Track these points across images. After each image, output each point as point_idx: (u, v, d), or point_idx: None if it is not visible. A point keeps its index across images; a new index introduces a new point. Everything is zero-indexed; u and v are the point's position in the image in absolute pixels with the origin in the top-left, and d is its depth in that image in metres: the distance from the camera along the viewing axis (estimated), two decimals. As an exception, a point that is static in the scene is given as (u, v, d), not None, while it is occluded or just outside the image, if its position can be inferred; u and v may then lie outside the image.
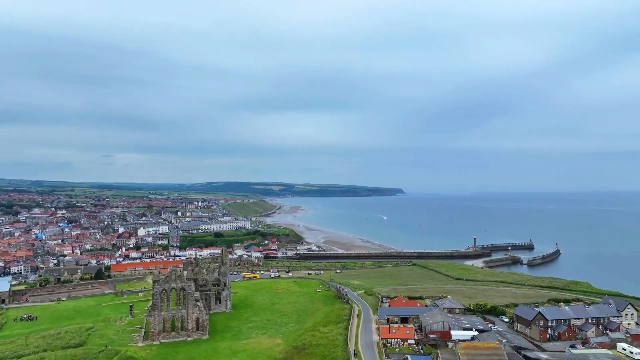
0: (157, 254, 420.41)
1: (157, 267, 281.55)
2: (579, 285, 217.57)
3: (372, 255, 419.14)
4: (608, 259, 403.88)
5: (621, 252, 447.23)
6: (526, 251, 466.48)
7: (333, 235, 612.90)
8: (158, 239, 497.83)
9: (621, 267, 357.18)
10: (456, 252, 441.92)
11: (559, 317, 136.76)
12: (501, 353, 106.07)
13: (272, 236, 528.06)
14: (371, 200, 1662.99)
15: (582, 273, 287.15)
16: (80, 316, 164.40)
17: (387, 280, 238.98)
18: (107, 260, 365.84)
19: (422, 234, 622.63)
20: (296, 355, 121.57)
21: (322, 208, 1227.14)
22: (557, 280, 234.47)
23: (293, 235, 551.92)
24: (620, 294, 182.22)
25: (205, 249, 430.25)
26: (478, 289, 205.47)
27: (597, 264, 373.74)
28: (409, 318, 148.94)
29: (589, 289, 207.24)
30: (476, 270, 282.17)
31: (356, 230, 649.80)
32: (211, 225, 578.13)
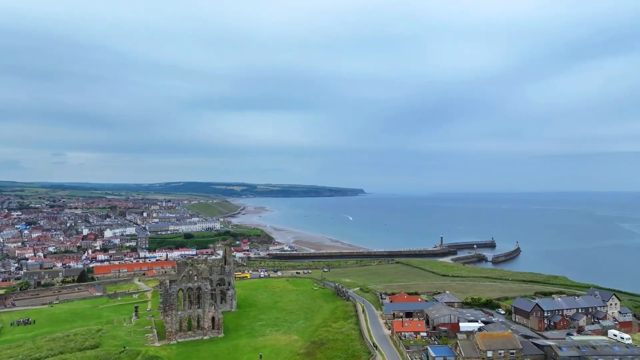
0: (126, 255, 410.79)
1: (142, 268, 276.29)
2: (558, 279, 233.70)
3: (344, 254, 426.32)
4: (564, 255, 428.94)
5: (575, 248, 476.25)
6: (489, 249, 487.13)
7: (302, 235, 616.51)
8: (126, 240, 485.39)
9: (577, 262, 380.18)
10: (424, 250, 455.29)
11: (553, 308, 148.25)
12: (515, 341, 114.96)
13: (243, 237, 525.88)
14: (334, 201, 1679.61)
15: (542, 269, 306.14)
16: (80, 319, 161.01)
17: (377, 277, 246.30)
18: (73, 262, 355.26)
19: (388, 233, 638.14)
20: (317, 349, 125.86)
21: (286, 208, 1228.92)
22: (537, 275, 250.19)
23: (264, 236, 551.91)
24: (596, 286, 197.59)
25: (176, 250, 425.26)
26: (467, 285, 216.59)
27: (554, 259, 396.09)
28: (414, 312, 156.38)
29: (567, 282, 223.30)
30: (459, 267, 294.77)
31: (324, 231, 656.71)
32: (180, 227, 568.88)
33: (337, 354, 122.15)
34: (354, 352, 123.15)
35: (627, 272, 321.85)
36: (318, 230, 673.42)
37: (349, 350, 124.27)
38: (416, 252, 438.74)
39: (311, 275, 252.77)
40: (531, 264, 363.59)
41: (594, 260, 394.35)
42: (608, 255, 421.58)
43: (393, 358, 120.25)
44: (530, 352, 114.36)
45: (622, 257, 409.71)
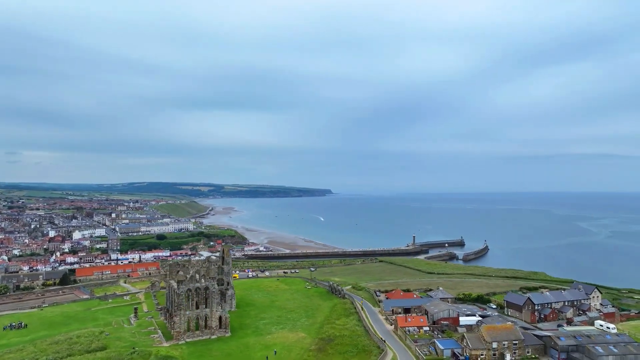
0: (97, 258, 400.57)
1: (126, 270, 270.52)
2: (538, 274, 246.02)
3: (320, 254, 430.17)
4: (530, 252, 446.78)
5: (539, 246, 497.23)
6: (458, 247, 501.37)
7: (275, 235, 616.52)
8: (96, 242, 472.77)
9: (542, 258, 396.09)
10: (397, 249, 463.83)
11: (543, 301, 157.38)
12: (517, 332, 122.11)
13: (217, 237, 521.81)
14: (303, 201, 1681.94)
15: (511, 266, 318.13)
16: (76, 322, 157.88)
17: (366, 276, 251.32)
18: (41, 266, 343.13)
19: (360, 233, 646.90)
20: (327, 345, 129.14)
21: (255, 209, 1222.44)
22: (518, 271, 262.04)
23: (238, 237, 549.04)
24: (572, 281, 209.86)
25: (149, 252, 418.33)
26: (454, 281, 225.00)
27: (521, 257, 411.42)
28: (411, 308, 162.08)
29: (547, 278, 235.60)
30: (443, 264, 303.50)
31: (296, 231, 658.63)
32: (152, 227, 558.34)
33: (348, 349, 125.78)
34: (363, 347, 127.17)
35: (591, 267, 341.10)
36: (290, 230, 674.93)
37: (358, 345, 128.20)
38: (390, 252, 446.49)
39: (299, 275, 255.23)
40: (500, 262, 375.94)
41: (558, 257, 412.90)
42: (569, 253, 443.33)
43: (401, 352, 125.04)
44: (531, 342, 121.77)
45: (582, 254, 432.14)
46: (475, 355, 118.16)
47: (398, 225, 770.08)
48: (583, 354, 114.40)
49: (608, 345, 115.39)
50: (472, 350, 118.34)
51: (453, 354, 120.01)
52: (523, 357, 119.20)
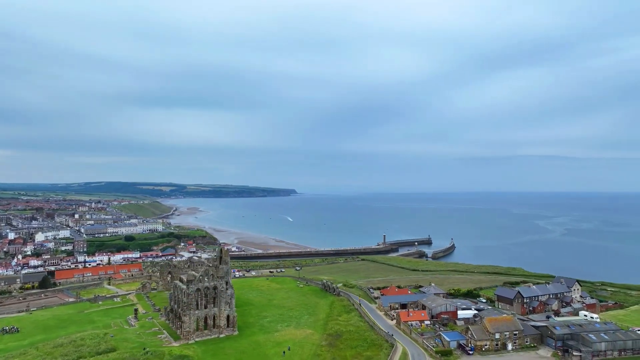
0: (62, 260, 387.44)
1: (108, 272, 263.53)
2: (516, 270, 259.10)
3: (292, 254, 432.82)
4: (494, 249, 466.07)
5: (503, 243, 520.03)
6: (426, 245, 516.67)
7: (244, 235, 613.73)
8: (61, 244, 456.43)
9: (507, 255, 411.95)
10: (368, 248, 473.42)
11: (531, 294, 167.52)
12: (517, 323, 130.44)
13: (188, 238, 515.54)
14: (268, 201, 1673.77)
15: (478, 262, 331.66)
16: (72, 325, 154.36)
17: (353, 274, 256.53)
18: (2, 269, 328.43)
19: (329, 232, 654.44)
20: (336, 341, 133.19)
21: (220, 209, 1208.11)
22: (497, 267, 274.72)
23: (209, 237, 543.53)
24: (549, 275, 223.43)
25: (118, 254, 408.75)
26: (440, 278, 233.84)
27: (486, 254, 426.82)
28: (408, 304, 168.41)
29: (525, 273, 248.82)
30: (425, 262, 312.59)
31: (265, 231, 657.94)
32: (120, 229, 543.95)
33: (358, 343, 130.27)
34: (372, 341, 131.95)
35: (555, 263, 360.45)
36: (259, 230, 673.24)
37: (366, 340, 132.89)
38: (361, 250, 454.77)
39: (286, 274, 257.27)
40: (466, 259, 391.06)
41: (522, 253, 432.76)
42: (532, 249, 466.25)
43: (409, 345, 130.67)
44: (529, 332, 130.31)
45: (543, 250, 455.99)
46: (480, 345, 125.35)
47: (365, 224, 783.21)
48: (578, 342, 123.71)
49: (599, 333, 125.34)
50: (477, 341, 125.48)
51: (459, 345, 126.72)
52: (522, 346, 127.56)
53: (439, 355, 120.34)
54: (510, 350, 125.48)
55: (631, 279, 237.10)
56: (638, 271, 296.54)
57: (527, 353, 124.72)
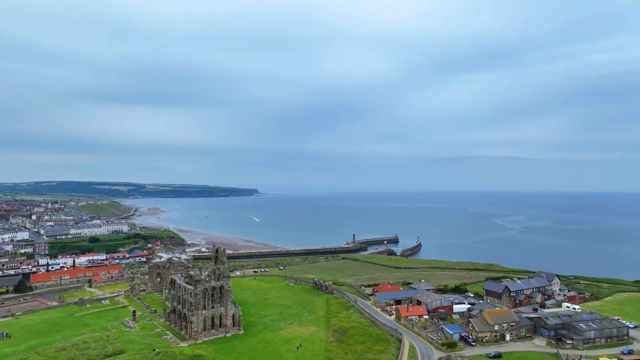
0: (22, 263, 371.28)
1: (87, 274, 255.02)
2: (493, 266, 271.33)
3: (264, 254, 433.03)
4: (459, 247, 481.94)
5: (466, 241, 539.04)
6: (393, 244, 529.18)
7: (211, 236, 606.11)
8: (20, 247, 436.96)
9: (472, 252, 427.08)
10: (338, 247, 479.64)
11: (517, 288, 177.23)
12: (513, 315, 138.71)
13: (155, 239, 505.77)
14: (230, 201, 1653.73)
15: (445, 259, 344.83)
16: (67, 328, 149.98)
17: (338, 272, 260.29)
18: None
19: (296, 232, 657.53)
20: (343, 337, 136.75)
21: (182, 209, 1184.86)
22: (476, 263, 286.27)
23: (177, 238, 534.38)
24: (525, 270, 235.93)
25: (83, 256, 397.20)
26: (423, 274, 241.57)
27: (452, 251, 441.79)
28: (402, 300, 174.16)
29: (503, 268, 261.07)
30: (407, 259, 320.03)
31: (232, 231, 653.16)
32: (82, 230, 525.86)
33: (365, 338, 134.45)
34: (378, 336, 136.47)
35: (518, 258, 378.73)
36: (225, 230, 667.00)
37: (372, 334, 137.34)
38: (331, 250, 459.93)
39: (270, 273, 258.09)
40: (433, 256, 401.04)
41: (485, 250, 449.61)
42: (495, 246, 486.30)
43: (413, 338, 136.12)
44: (524, 323, 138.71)
45: (504, 247, 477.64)
46: (481, 337, 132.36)
47: (331, 224, 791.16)
48: (569, 331, 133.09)
49: (588, 322, 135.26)
50: (479, 332, 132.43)
51: (461, 337, 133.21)
52: (519, 337, 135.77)
53: (445, 347, 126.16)
54: (509, 341, 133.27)
55: (589, 272, 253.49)
56: (595, 265, 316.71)
57: (524, 343, 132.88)
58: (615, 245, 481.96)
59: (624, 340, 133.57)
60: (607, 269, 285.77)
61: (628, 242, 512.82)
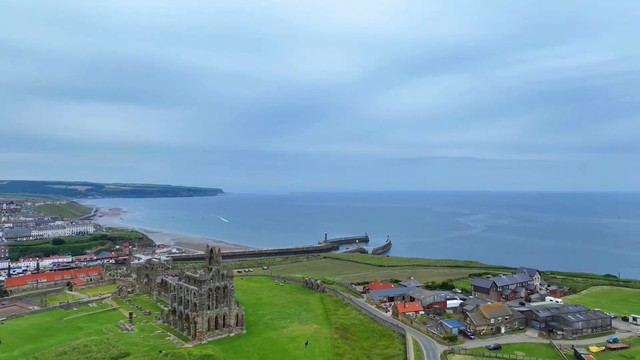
0: None
1: (64, 277, 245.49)
2: (473, 263, 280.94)
3: (236, 254, 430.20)
4: (427, 245, 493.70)
5: (433, 240, 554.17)
6: (363, 243, 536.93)
7: (180, 236, 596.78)
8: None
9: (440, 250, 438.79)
10: (311, 246, 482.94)
11: (502, 284, 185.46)
12: (507, 309, 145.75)
13: (123, 240, 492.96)
14: (194, 201, 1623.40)
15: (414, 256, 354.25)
16: (60, 333, 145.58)
17: (324, 271, 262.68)
18: None
19: (266, 232, 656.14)
20: (346, 333, 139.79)
21: (146, 209, 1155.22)
22: (456, 261, 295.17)
23: (146, 239, 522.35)
24: (504, 267, 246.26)
25: (47, 258, 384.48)
26: (408, 272, 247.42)
27: (422, 249, 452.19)
28: (395, 297, 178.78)
29: (482, 265, 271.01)
30: (389, 258, 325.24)
31: (201, 231, 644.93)
32: (45, 231, 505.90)
33: (369, 334, 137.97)
34: (380, 332, 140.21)
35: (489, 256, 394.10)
36: (193, 231, 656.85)
37: (375, 330, 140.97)
38: (304, 249, 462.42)
39: (254, 273, 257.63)
40: (403, 254, 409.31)
41: (453, 248, 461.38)
42: (461, 244, 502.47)
43: (414, 333, 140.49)
44: (517, 317, 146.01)
45: (471, 244, 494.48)
46: (478, 330, 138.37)
47: (299, 223, 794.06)
48: (559, 322, 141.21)
49: (575, 314, 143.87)
50: (477, 326, 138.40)
51: (459, 331, 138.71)
52: (513, 329, 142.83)
53: (447, 340, 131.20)
54: (504, 333, 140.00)
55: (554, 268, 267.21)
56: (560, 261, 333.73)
57: (518, 334, 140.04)
58: (574, 242, 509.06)
59: (607, 330, 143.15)
60: (571, 264, 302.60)
61: (586, 239, 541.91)
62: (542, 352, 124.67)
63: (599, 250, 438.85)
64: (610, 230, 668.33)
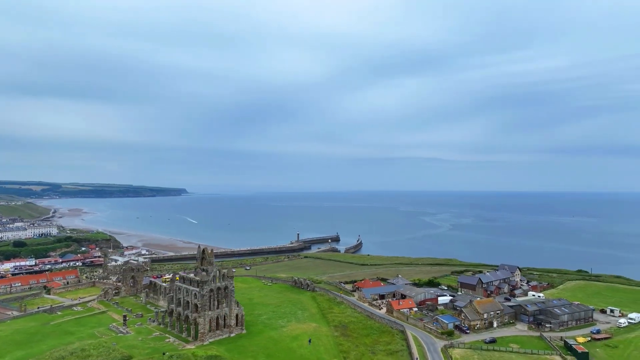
0: None
1: (40, 280, 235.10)
2: (452, 260, 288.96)
3: (216, 254, 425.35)
4: (397, 244, 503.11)
5: (403, 238, 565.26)
6: (335, 242, 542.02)
7: (147, 238, 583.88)
8: None
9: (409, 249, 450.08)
10: (284, 246, 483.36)
11: (487, 280, 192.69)
12: (498, 304, 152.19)
13: (89, 242, 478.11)
14: (158, 201, 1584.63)
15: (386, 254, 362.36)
16: (49, 338, 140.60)
17: (308, 271, 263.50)
18: None
19: (236, 232, 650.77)
20: (346, 330, 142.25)
21: (107, 210, 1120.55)
22: (436, 259, 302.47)
23: (114, 240, 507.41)
24: (482, 264, 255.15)
25: (8, 262, 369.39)
26: (392, 270, 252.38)
27: (392, 248, 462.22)
28: (386, 294, 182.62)
29: (462, 263, 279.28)
30: (371, 257, 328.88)
31: (169, 232, 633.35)
32: (4, 233, 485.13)
33: (369, 331, 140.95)
34: (379, 328, 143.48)
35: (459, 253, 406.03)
36: (161, 232, 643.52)
37: (373, 328, 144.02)
38: (276, 249, 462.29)
39: (238, 274, 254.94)
40: (374, 253, 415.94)
41: (422, 247, 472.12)
42: (430, 242, 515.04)
43: (411, 329, 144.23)
44: (507, 311, 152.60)
45: (438, 243, 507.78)
46: (473, 325, 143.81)
47: (268, 223, 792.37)
48: (546, 316, 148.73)
49: (561, 307, 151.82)
50: (471, 321, 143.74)
51: (455, 326, 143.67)
52: (504, 323, 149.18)
53: (445, 335, 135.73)
54: (496, 327, 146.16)
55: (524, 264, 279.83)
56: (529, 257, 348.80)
57: (509, 328, 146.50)
58: (537, 240, 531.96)
59: (589, 322, 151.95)
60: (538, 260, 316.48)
61: (547, 237, 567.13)
62: (534, 344, 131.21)
63: (561, 248, 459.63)
64: (567, 228, 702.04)
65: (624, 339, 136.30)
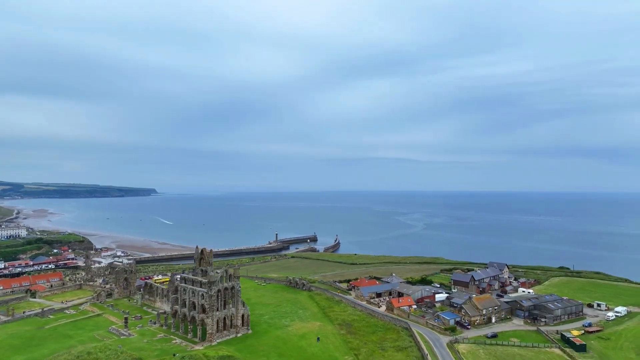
0: None
1: (23, 283, 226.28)
2: (439, 259, 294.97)
3: (186, 256, 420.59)
4: (374, 244, 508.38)
5: (379, 238, 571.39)
6: (313, 242, 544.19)
7: (121, 239, 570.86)
8: None
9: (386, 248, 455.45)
10: (262, 246, 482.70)
11: (479, 277, 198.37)
12: (496, 300, 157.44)
13: (61, 244, 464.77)
14: (127, 202, 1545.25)
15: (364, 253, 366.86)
16: (48, 342, 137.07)
17: (299, 270, 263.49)
18: None
19: (211, 232, 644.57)
20: (351, 328, 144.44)
21: (75, 210, 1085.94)
22: (424, 257, 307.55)
23: (87, 242, 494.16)
24: (469, 262, 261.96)
25: None
26: (382, 269, 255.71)
27: (370, 247, 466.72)
28: (382, 293, 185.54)
29: (448, 261, 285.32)
30: (359, 256, 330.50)
31: (142, 233, 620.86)
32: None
33: (374, 329, 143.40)
34: (383, 326, 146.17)
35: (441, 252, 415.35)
36: (134, 233, 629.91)
37: (377, 325, 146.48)
38: (256, 249, 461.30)
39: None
40: (353, 252, 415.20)
41: (400, 246, 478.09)
42: (407, 242, 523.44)
43: (413, 326, 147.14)
44: (504, 307, 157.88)
45: (415, 242, 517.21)
46: (473, 320, 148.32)
47: (244, 223, 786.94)
48: (541, 311, 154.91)
49: (554, 302, 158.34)
50: (471, 317, 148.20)
51: (456, 322, 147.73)
52: (501, 318, 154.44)
53: (448, 331, 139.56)
54: (494, 323, 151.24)
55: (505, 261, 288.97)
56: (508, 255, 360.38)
57: (506, 323, 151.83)
58: (511, 238, 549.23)
59: (580, 316, 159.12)
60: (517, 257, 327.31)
61: (517, 235, 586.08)
62: (533, 338, 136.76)
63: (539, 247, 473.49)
64: (536, 227, 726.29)
65: (614, 331, 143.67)
